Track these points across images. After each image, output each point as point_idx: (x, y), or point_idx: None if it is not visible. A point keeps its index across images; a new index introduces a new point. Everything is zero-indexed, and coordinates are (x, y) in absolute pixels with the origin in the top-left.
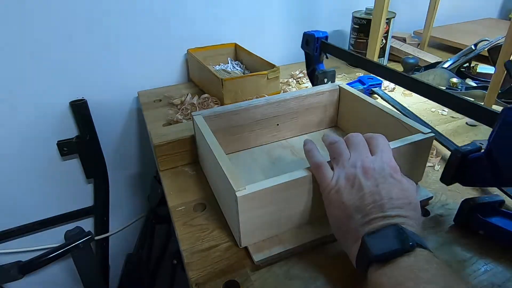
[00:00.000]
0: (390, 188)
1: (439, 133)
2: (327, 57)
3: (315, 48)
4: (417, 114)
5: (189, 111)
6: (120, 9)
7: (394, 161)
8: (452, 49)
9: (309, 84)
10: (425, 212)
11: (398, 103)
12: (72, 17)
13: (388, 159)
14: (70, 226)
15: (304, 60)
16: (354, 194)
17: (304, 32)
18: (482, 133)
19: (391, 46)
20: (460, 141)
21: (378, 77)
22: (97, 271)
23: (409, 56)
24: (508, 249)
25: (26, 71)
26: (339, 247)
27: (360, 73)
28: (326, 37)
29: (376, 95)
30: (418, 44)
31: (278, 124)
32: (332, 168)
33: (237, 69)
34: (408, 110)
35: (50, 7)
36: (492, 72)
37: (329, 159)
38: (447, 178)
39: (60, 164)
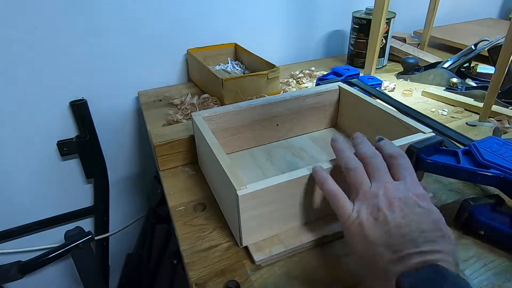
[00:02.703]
0: (420, 220)
1: (450, 129)
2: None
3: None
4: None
5: (189, 111)
6: (120, 9)
7: (420, 187)
8: (452, 49)
9: (309, 84)
10: None
11: (400, 103)
12: (72, 17)
13: (414, 184)
14: (70, 226)
15: (303, 60)
16: (379, 228)
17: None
18: (482, 133)
19: (391, 46)
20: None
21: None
22: (97, 271)
23: (409, 56)
24: (508, 249)
25: (26, 71)
26: (339, 247)
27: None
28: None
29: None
30: (418, 44)
31: (278, 124)
32: (349, 196)
33: (237, 69)
34: (412, 109)
35: (50, 7)
36: (492, 72)
37: (328, 159)
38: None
39: (60, 164)
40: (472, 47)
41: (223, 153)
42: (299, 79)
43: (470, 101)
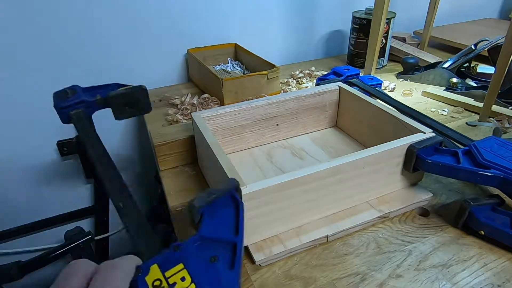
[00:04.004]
0: None
1: (450, 129)
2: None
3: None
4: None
5: (189, 111)
6: (120, 10)
7: None
8: (452, 49)
9: (309, 84)
10: (425, 212)
11: (400, 103)
12: (72, 17)
13: None
14: (70, 226)
15: (303, 60)
16: None
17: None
18: (482, 133)
19: (391, 46)
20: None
21: None
22: None
23: (409, 56)
24: (508, 249)
25: (26, 71)
26: (339, 247)
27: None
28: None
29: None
30: (418, 44)
31: (277, 124)
32: None
33: (237, 69)
34: (412, 109)
35: (50, 8)
36: (492, 72)
37: (328, 158)
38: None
39: (60, 164)
40: (472, 47)
41: (223, 153)
42: (299, 79)
43: (470, 101)
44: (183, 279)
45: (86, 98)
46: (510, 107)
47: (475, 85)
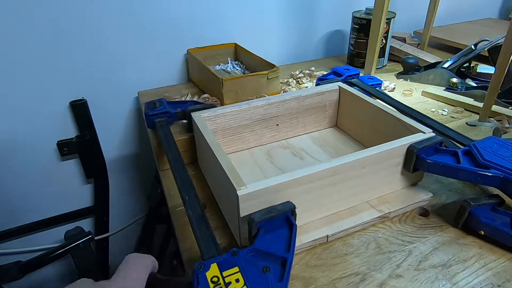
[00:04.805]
0: None
1: (450, 129)
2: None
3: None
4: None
5: None
6: (120, 9)
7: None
8: (452, 49)
9: (309, 84)
10: (425, 212)
11: (400, 103)
12: (71, 17)
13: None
14: (70, 226)
15: (303, 60)
16: None
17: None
18: (482, 133)
19: (391, 46)
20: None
21: None
22: (97, 271)
23: (409, 56)
24: (508, 249)
25: (26, 71)
26: (339, 247)
27: None
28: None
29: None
30: (418, 44)
31: (277, 124)
32: None
33: (237, 69)
34: (412, 109)
35: (49, 8)
36: (492, 72)
37: (328, 159)
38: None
39: (60, 164)
40: (472, 47)
41: (223, 153)
42: (299, 79)
43: (470, 101)
44: (237, 280)
45: (169, 110)
46: (510, 107)
47: (475, 85)
